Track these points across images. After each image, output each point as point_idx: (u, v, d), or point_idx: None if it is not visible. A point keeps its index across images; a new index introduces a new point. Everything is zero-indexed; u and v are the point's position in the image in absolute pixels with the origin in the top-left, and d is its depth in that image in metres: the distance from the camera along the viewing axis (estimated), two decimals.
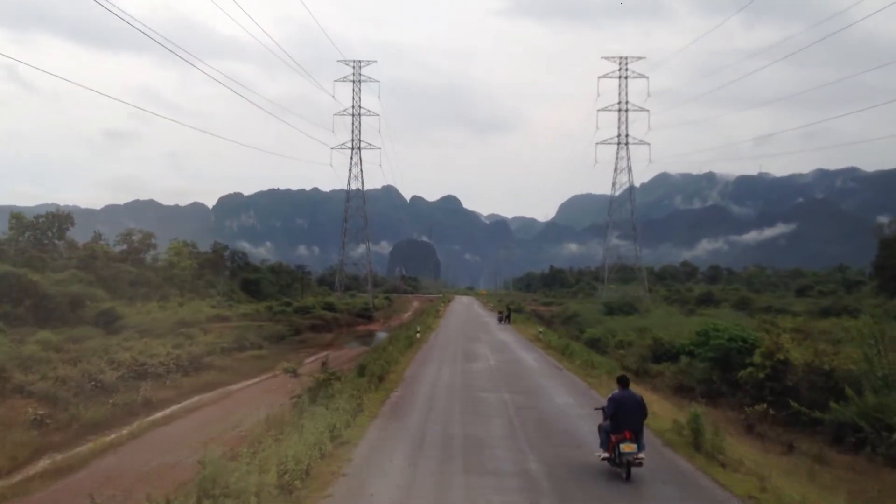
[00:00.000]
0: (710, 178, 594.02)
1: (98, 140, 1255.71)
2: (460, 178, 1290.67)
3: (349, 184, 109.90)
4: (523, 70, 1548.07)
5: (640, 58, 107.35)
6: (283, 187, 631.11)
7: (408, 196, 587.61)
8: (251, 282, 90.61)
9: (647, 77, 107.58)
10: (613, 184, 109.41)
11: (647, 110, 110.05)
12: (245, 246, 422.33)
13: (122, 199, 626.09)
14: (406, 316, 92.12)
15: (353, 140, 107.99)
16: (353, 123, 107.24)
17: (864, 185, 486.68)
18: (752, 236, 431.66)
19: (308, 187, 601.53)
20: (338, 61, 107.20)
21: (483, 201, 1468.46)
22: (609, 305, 71.29)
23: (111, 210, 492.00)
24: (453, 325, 60.43)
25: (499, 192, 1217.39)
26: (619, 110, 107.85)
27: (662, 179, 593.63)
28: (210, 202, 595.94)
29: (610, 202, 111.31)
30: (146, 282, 67.95)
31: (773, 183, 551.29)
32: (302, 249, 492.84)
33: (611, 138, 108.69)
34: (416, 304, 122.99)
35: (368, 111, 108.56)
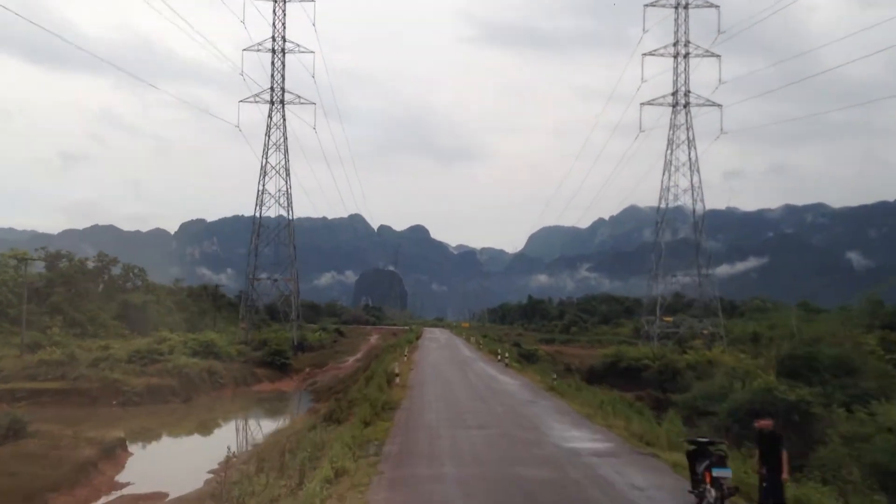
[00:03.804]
0: (679, 211, 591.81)
1: (56, 163, 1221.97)
2: (428, 208, 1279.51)
3: (265, 154, 75.95)
4: (491, 99, 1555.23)
5: None
6: (247, 214, 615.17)
7: (375, 225, 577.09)
8: (134, 307, 70.51)
9: (718, 6, 74.41)
10: (668, 163, 79.71)
11: (719, 56, 76.32)
12: (206, 273, 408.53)
13: (81, 224, 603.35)
14: (350, 361, 71.48)
15: (272, 88, 74.08)
16: (272, 63, 73.71)
17: (833, 220, 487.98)
18: (723, 269, 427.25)
19: (274, 214, 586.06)
20: None
21: (451, 231, 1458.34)
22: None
23: (69, 235, 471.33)
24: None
25: (467, 223, 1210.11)
26: (676, 55, 74.56)
27: (632, 212, 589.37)
28: (172, 228, 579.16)
29: (660, 195, 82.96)
30: None
31: (742, 217, 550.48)
32: (264, 277, 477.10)
33: (661, 97, 77.84)
34: (373, 338, 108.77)
35: (297, 45, 75.04)
